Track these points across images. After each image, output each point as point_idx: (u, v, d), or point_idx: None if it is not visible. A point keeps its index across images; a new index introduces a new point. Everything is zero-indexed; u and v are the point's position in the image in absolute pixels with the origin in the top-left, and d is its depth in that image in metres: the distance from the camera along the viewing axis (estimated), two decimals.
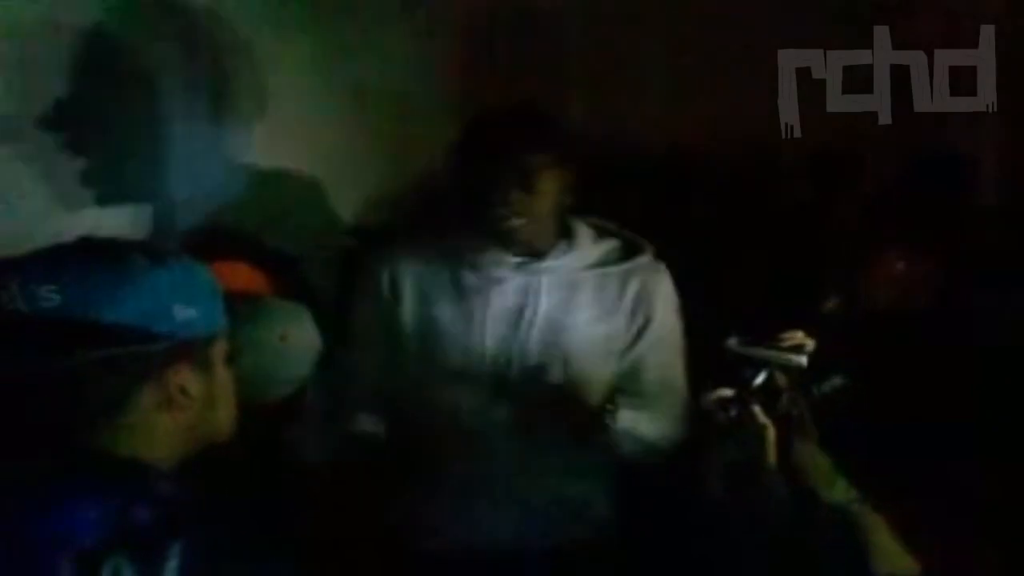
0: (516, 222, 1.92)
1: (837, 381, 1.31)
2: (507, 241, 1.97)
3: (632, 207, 2.24)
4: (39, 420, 1.12)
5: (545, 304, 1.99)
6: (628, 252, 2.05)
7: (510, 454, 1.97)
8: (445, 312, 2.01)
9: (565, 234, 2.03)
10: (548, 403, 1.94)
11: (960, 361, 1.46)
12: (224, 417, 1.24)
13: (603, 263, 2.04)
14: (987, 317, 1.73)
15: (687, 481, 1.98)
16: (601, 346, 2.01)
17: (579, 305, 2.01)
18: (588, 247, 2.04)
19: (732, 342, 1.59)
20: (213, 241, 2.13)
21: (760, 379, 1.55)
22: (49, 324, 1.09)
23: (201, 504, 1.12)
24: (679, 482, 2.00)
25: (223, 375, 1.22)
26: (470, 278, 2.01)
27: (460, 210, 1.99)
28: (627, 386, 2.01)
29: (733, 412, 1.54)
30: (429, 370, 2.01)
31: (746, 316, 1.75)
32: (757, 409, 1.50)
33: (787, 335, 1.57)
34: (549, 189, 1.93)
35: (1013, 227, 2.35)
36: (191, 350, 1.17)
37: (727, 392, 1.56)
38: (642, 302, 2.02)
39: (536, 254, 2.01)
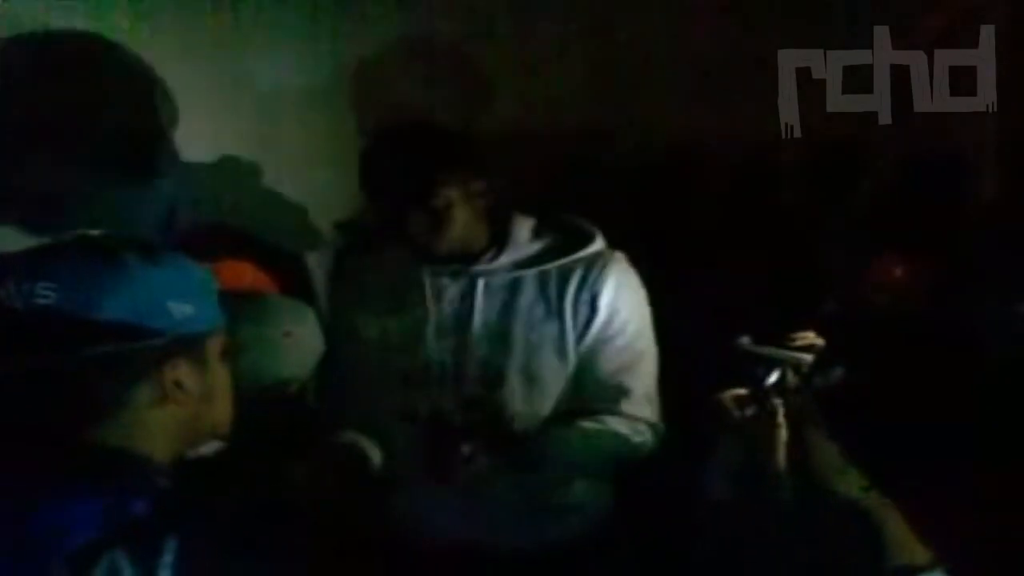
0: (431, 236, 1.90)
1: (839, 372, 1.31)
2: (431, 252, 1.94)
3: (629, 207, 2.22)
4: (35, 416, 1.13)
5: (483, 310, 1.96)
6: (573, 244, 2.00)
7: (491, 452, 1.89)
8: (396, 321, 2.00)
9: (499, 234, 2.00)
10: (490, 423, 1.88)
11: (960, 362, 1.46)
12: (221, 413, 1.25)
13: (542, 259, 1.99)
14: (986, 318, 1.73)
15: (689, 483, 1.97)
16: (551, 347, 1.96)
17: (521, 306, 1.97)
18: (523, 245, 2.00)
19: (744, 341, 1.59)
20: (218, 239, 2.13)
21: (773, 378, 1.56)
22: (45, 321, 1.10)
23: (197, 499, 1.12)
24: (681, 484, 1.99)
25: (220, 371, 1.23)
26: (411, 290, 1.99)
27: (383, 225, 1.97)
28: (583, 386, 1.97)
29: (749, 411, 1.54)
30: (386, 378, 1.98)
31: (749, 316, 1.75)
32: (778, 406, 1.50)
33: (798, 335, 1.58)
34: (455, 198, 1.90)
35: (1011, 227, 2.35)
36: (187, 346, 1.18)
37: (741, 391, 1.56)
38: (586, 294, 1.96)
39: (468, 259, 1.98)
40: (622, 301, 1.98)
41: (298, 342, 1.61)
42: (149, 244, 1.20)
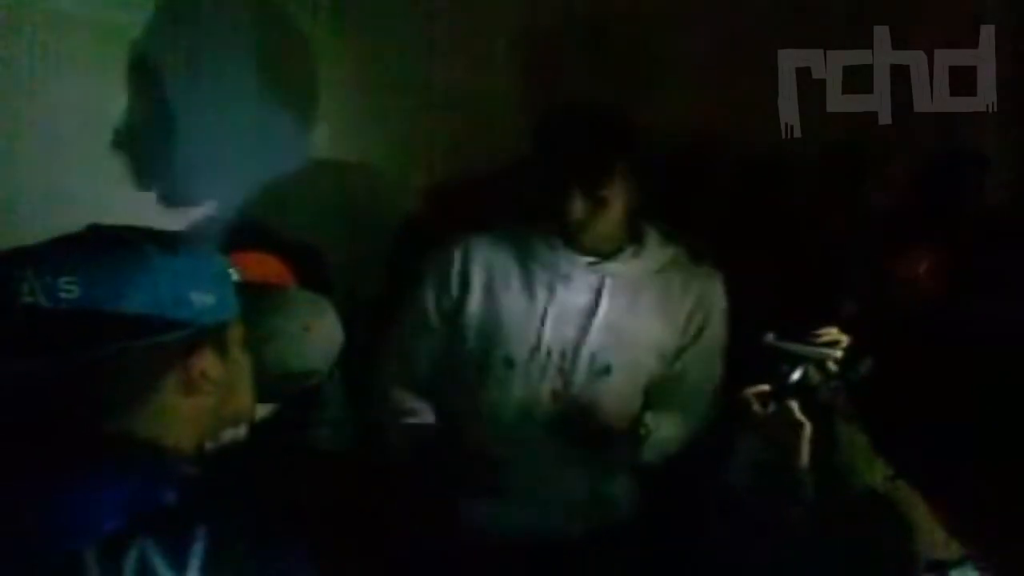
0: (584, 224, 1.96)
1: (868, 363, 1.32)
2: (575, 241, 2.00)
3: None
4: (63, 410, 1.11)
5: (608, 305, 2.01)
6: (692, 259, 2.09)
7: (542, 449, 1.99)
8: (511, 305, 2.04)
9: (634, 236, 2.06)
10: (586, 413, 1.97)
11: (975, 359, 1.46)
12: (244, 401, 1.25)
13: (668, 268, 2.06)
14: (996, 317, 1.73)
15: (712, 480, 1.98)
16: (653, 350, 2.04)
17: (641, 309, 2.03)
18: (656, 251, 2.06)
19: (770, 338, 1.60)
20: (238, 232, 2.12)
21: (797, 375, 1.57)
22: (70, 316, 1.08)
23: (226, 488, 1.12)
24: (704, 481, 1.99)
25: (241, 359, 1.23)
26: (539, 274, 2.03)
27: (531, 207, 2.03)
28: (666, 390, 2.06)
29: (771, 407, 1.54)
30: (487, 361, 2.03)
31: (768, 313, 1.76)
32: (794, 405, 1.51)
33: (823, 331, 1.59)
34: (617, 193, 1.95)
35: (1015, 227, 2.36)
36: (211, 336, 1.17)
37: (764, 387, 1.56)
38: (699, 310, 2.06)
39: (604, 255, 2.03)
40: (721, 317, 2.08)
41: (318, 335, 1.61)
42: (167, 234, 1.19)
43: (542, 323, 2.00)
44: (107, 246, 1.14)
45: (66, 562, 1.01)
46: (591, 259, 2.02)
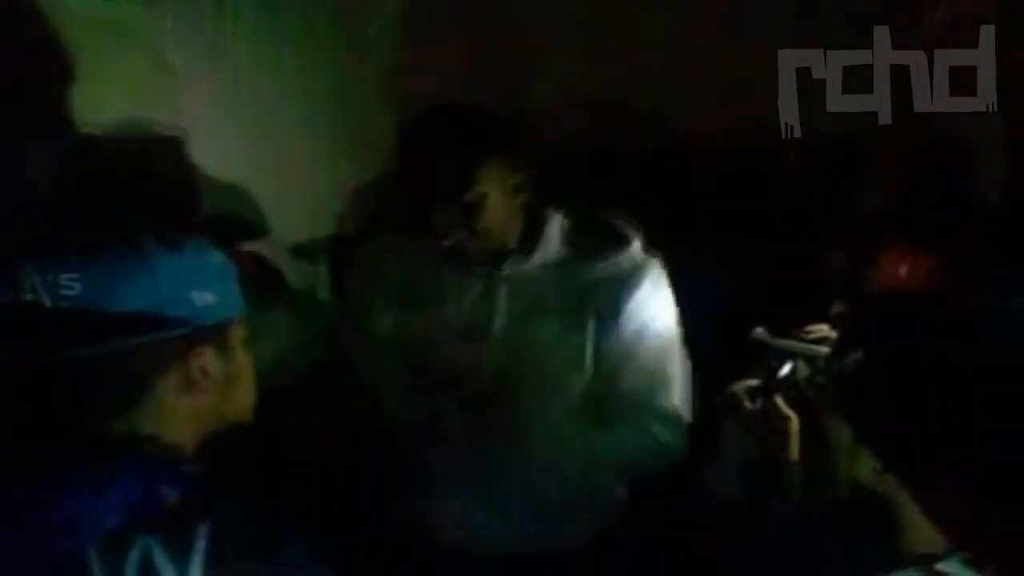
0: (460, 231, 1.77)
1: (857, 355, 1.31)
2: (456, 249, 1.81)
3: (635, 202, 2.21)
4: (64, 407, 1.13)
5: (504, 314, 1.85)
6: (608, 247, 1.87)
7: (500, 453, 1.86)
8: (410, 319, 1.90)
9: (532, 232, 1.87)
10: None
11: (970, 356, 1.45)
12: (244, 398, 1.26)
13: (571, 263, 1.86)
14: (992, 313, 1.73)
15: (695, 480, 1.96)
16: (570, 357, 1.85)
17: (541, 313, 1.85)
18: (555, 246, 1.87)
19: (759, 332, 1.59)
20: (227, 229, 2.12)
21: (785, 370, 1.56)
22: (71, 313, 1.09)
23: (227, 484, 1.13)
24: (687, 481, 1.97)
25: (243, 357, 1.24)
26: (433, 284, 1.89)
27: (410, 218, 1.84)
28: (603, 399, 1.86)
29: (759, 403, 1.53)
30: (401, 374, 1.89)
31: (756, 309, 1.75)
32: (780, 400, 1.50)
33: (813, 327, 1.58)
34: (490, 196, 1.76)
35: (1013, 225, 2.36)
36: (212, 333, 1.18)
37: (753, 382, 1.56)
38: (614, 303, 1.84)
39: (498, 256, 1.86)
40: (650, 316, 1.85)
41: (305, 332, 1.62)
42: (170, 232, 1.20)
43: (442, 340, 1.85)
44: (109, 243, 1.15)
45: (69, 560, 1.03)
46: (482, 266, 1.85)
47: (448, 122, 1.78)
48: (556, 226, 1.89)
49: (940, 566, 1.16)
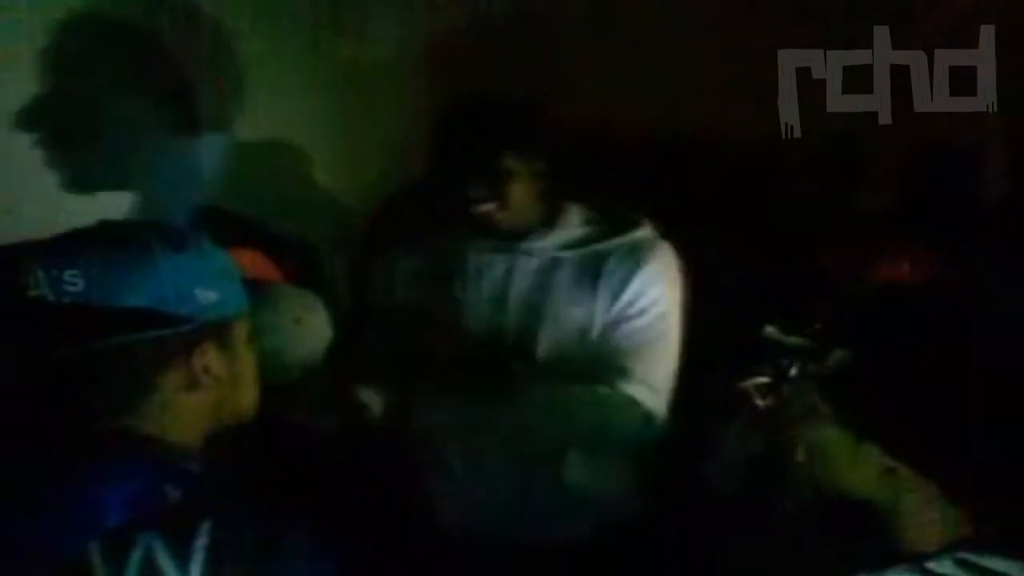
0: (487, 209, 1.95)
1: (840, 355, 1.32)
2: (485, 227, 1.99)
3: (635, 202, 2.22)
4: (65, 403, 1.13)
5: (519, 288, 2.00)
6: (617, 231, 2.03)
7: (511, 440, 1.96)
8: (434, 298, 2.04)
9: (550, 218, 2.04)
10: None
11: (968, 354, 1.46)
12: (247, 396, 1.26)
13: (585, 242, 2.02)
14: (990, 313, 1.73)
15: (700, 476, 1.96)
16: (579, 327, 1.99)
17: (554, 288, 2.00)
18: (571, 228, 2.04)
19: (770, 330, 1.59)
20: (223, 227, 2.13)
21: (796, 368, 1.56)
22: (74, 310, 1.10)
23: (229, 482, 1.13)
24: (693, 477, 1.98)
25: (246, 355, 1.24)
26: (456, 263, 2.04)
27: (438, 198, 2.03)
28: (594, 359, 1.99)
29: (769, 400, 1.53)
30: (424, 354, 2.02)
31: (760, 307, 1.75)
32: (791, 395, 1.50)
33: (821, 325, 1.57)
34: (519, 178, 1.95)
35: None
36: (215, 332, 1.18)
37: (763, 379, 1.56)
38: (618, 275, 1.99)
39: (518, 237, 2.02)
40: (651, 285, 1.99)
41: (308, 328, 1.63)
42: (171, 230, 1.21)
43: (466, 314, 2.00)
44: (113, 241, 1.16)
45: (71, 558, 1.03)
46: (502, 243, 2.01)
47: (480, 109, 1.98)
48: (575, 213, 2.05)
49: (931, 565, 1.17)
